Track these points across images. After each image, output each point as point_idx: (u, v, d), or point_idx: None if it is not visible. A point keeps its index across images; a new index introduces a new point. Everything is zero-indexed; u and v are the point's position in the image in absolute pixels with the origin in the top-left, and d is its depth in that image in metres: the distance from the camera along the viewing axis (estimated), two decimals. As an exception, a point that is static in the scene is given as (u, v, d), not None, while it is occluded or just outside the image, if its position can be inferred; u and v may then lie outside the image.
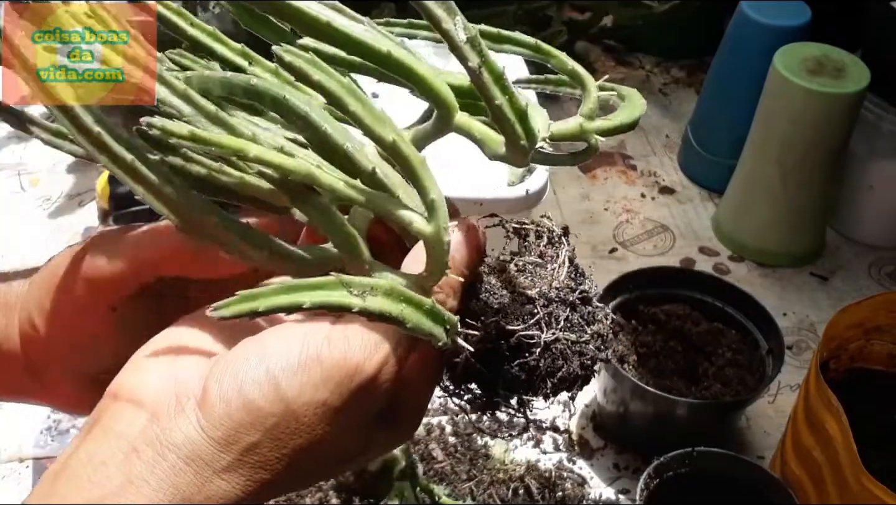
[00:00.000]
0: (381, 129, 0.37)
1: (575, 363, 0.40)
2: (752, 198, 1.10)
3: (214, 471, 0.37)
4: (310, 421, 0.37)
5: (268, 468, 0.37)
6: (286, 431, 0.37)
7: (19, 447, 0.86)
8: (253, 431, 0.37)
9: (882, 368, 0.87)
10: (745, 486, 0.78)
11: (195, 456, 0.36)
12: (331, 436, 0.38)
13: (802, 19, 1.09)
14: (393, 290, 0.36)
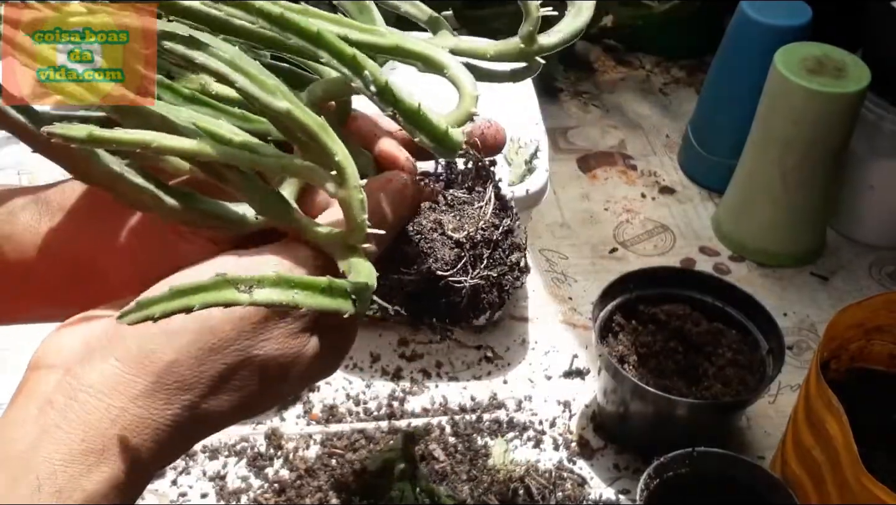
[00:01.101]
0: (272, 99, 0.38)
1: (493, 294, 0.45)
2: (752, 198, 1.10)
3: (129, 398, 0.37)
4: (227, 332, 0.38)
5: (188, 388, 0.37)
6: (204, 347, 0.37)
7: (19, 447, 0.86)
8: (170, 348, 0.37)
9: (882, 368, 0.87)
10: (745, 486, 0.78)
11: (108, 389, 0.37)
12: (250, 342, 0.38)
13: (803, 19, 1.09)
14: (281, 279, 0.37)
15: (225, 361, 0.38)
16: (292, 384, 0.41)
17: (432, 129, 0.41)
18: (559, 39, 0.45)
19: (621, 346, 0.89)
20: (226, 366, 0.38)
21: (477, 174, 0.45)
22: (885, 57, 1.06)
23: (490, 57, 0.45)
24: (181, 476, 0.85)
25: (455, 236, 0.43)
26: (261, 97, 0.37)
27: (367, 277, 0.39)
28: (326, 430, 0.89)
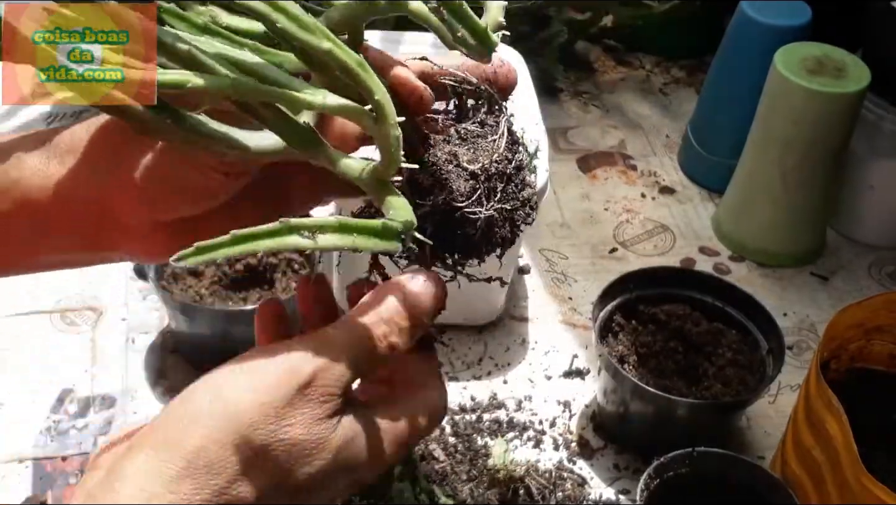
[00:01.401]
0: (313, 38, 0.38)
1: (506, 229, 0.45)
2: (752, 198, 1.10)
3: (162, 484, 0.38)
4: (252, 417, 0.39)
5: (217, 473, 0.38)
6: (230, 430, 0.38)
7: (19, 447, 0.86)
8: (197, 432, 0.38)
9: (882, 368, 0.87)
10: (745, 486, 0.78)
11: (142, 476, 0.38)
12: (275, 426, 0.39)
13: (803, 19, 1.09)
14: (342, 224, 0.38)
15: (251, 446, 0.39)
16: (328, 474, 0.41)
17: (474, 24, 0.42)
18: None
19: (621, 346, 0.89)
20: (252, 451, 0.39)
21: (489, 109, 0.45)
22: (885, 57, 1.06)
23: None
24: (181, 476, 0.85)
25: (470, 168, 0.43)
26: (301, 37, 0.38)
27: (408, 214, 0.40)
28: (326, 430, 0.89)
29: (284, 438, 0.39)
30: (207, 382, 0.40)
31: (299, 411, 0.39)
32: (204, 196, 0.46)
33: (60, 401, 0.90)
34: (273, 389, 0.39)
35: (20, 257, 0.50)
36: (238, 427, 0.39)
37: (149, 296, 1.01)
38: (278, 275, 0.95)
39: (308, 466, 0.40)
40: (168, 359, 0.95)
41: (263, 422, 0.39)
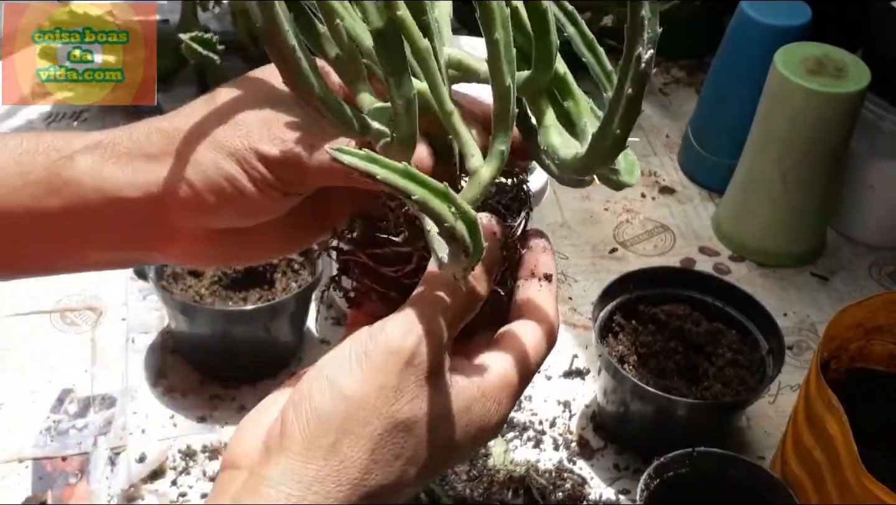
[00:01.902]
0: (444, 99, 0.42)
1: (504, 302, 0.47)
2: (752, 198, 1.10)
3: (305, 486, 0.39)
4: (372, 402, 0.40)
5: (352, 466, 0.40)
6: (355, 422, 0.40)
7: (19, 447, 0.86)
8: (327, 431, 0.40)
9: (883, 368, 0.87)
10: (745, 486, 0.78)
11: (286, 479, 0.39)
12: (396, 406, 0.40)
13: (802, 19, 1.09)
14: (474, 224, 0.40)
15: (377, 430, 0.40)
16: (460, 435, 0.43)
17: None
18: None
19: (621, 346, 0.89)
20: (379, 435, 0.40)
21: (516, 195, 0.47)
22: (885, 57, 1.06)
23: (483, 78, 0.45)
24: (181, 476, 0.85)
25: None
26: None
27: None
28: (326, 430, 0.89)
29: (408, 417, 0.41)
30: (321, 376, 0.41)
31: (413, 388, 0.41)
32: (259, 212, 0.47)
33: (60, 401, 0.90)
34: (383, 373, 0.40)
35: (67, 257, 0.51)
36: (362, 418, 0.40)
37: (149, 296, 1.01)
38: (278, 275, 0.95)
39: (438, 433, 0.42)
40: (168, 359, 0.95)
41: (385, 406, 0.40)
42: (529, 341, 0.46)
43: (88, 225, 0.48)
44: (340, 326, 0.99)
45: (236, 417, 0.90)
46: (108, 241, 0.49)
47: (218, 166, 0.45)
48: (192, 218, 0.47)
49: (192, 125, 0.46)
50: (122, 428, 0.88)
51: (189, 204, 0.46)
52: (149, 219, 0.47)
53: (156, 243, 0.49)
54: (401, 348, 0.41)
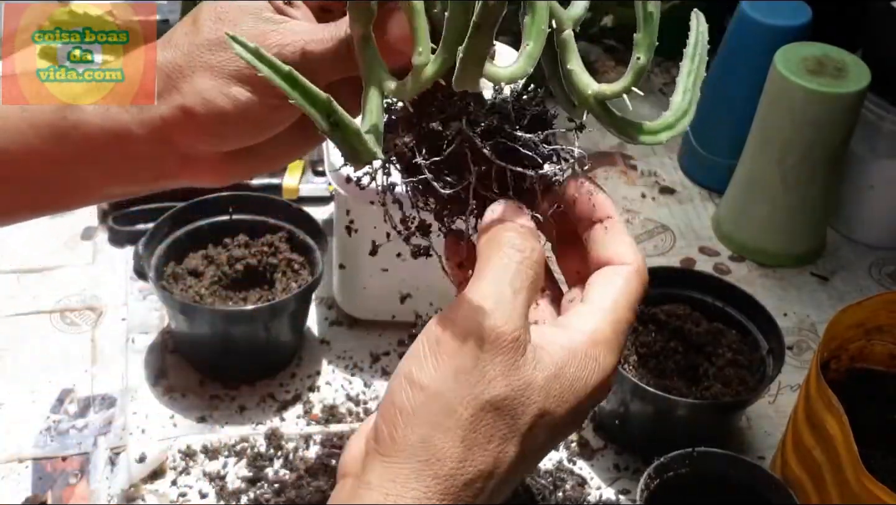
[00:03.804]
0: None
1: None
2: (752, 198, 1.10)
3: (402, 487, 0.39)
4: (453, 388, 0.40)
5: (444, 457, 0.39)
6: (438, 413, 0.39)
7: (19, 447, 0.86)
8: (412, 427, 0.40)
9: (883, 368, 0.87)
10: (745, 486, 0.78)
11: (386, 481, 0.40)
12: (480, 387, 0.40)
13: (802, 19, 1.09)
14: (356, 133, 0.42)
15: (463, 417, 0.40)
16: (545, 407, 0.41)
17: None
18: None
19: (621, 346, 0.89)
20: (467, 421, 0.40)
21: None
22: (885, 57, 1.06)
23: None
24: (181, 476, 0.85)
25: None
26: None
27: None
28: (326, 430, 0.89)
29: (493, 396, 0.40)
30: (400, 375, 0.41)
31: (493, 365, 0.40)
32: (268, 126, 0.48)
33: (60, 401, 0.90)
34: (458, 356, 0.40)
35: (84, 194, 0.52)
36: (445, 407, 0.40)
37: (149, 296, 1.01)
38: (278, 275, 0.95)
39: (530, 406, 0.41)
40: (168, 359, 0.95)
41: (466, 390, 0.40)
42: (612, 288, 0.44)
43: (100, 163, 0.49)
44: (341, 326, 0.99)
45: (236, 417, 0.90)
46: (122, 176, 0.51)
47: (220, 92, 0.45)
48: (203, 146, 0.48)
49: (184, 58, 0.47)
50: (122, 428, 0.88)
51: (198, 134, 0.47)
52: (159, 152, 0.48)
53: (170, 172, 0.50)
54: (473, 328, 0.40)
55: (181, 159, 0.49)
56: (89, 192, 0.52)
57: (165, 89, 0.47)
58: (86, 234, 1.08)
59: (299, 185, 1.10)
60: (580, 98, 0.48)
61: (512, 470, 0.41)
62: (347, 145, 0.41)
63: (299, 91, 0.39)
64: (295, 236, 0.96)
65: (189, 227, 0.96)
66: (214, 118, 0.46)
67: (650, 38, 0.47)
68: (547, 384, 0.41)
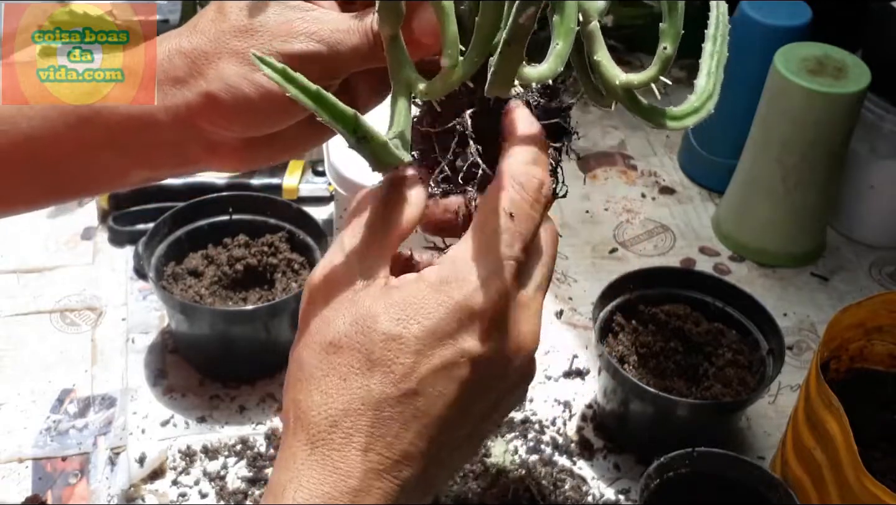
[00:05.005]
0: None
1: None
2: (752, 198, 1.10)
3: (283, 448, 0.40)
4: (303, 345, 0.41)
5: (305, 409, 0.40)
6: (295, 371, 0.41)
7: (19, 447, 0.86)
8: (287, 395, 0.41)
9: (883, 368, 0.87)
10: (745, 486, 0.78)
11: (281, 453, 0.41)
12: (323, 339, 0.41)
13: (802, 19, 1.09)
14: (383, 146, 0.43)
15: (312, 364, 0.40)
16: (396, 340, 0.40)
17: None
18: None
19: (621, 346, 0.89)
20: (315, 368, 0.40)
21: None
22: (885, 57, 1.06)
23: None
24: (181, 476, 0.85)
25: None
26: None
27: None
28: (326, 430, 0.89)
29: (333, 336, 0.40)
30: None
31: (330, 308, 0.41)
32: (292, 113, 0.48)
33: (60, 401, 0.90)
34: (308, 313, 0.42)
35: (108, 181, 0.53)
36: (297, 363, 0.41)
37: (149, 296, 1.01)
38: (278, 275, 0.95)
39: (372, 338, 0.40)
40: (168, 359, 0.95)
41: (310, 339, 0.41)
42: (482, 208, 0.43)
43: (125, 149, 0.49)
44: (340, 326, 0.99)
45: (236, 417, 0.90)
46: (146, 162, 0.51)
47: (245, 78, 0.46)
48: (227, 132, 0.48)
49: (210, 44, 0.47)
50: (122, 428, 0.88)
51: (222, 120, 0.47)
52: (184, 139, 0.49)
53: (194, 158, 0.51)
54: (310, 285, 0.42)
55: (205, 145, 0.50)
56: (114, 177, 0.53)
57: (191, 75, 0.47)
58: (86, 234, 1.08)
59: (299, 185, 1.10)
60: (609, 88, 0.50)
61: (385, 404, 0.39)
62: (374, 156, 0.41)
63: (327, 109, 0.39)
64: (295, 236, 0.96)
65: (189, 227, 0.96)
66: (239, 104, 0.46)
67: (675, 28, 0.49)
68: (387, 309, 0.40)
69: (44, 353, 0.95)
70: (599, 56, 0.48)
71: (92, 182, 0.53)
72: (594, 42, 0.48)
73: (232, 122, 0.48)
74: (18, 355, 0.95)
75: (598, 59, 0.48)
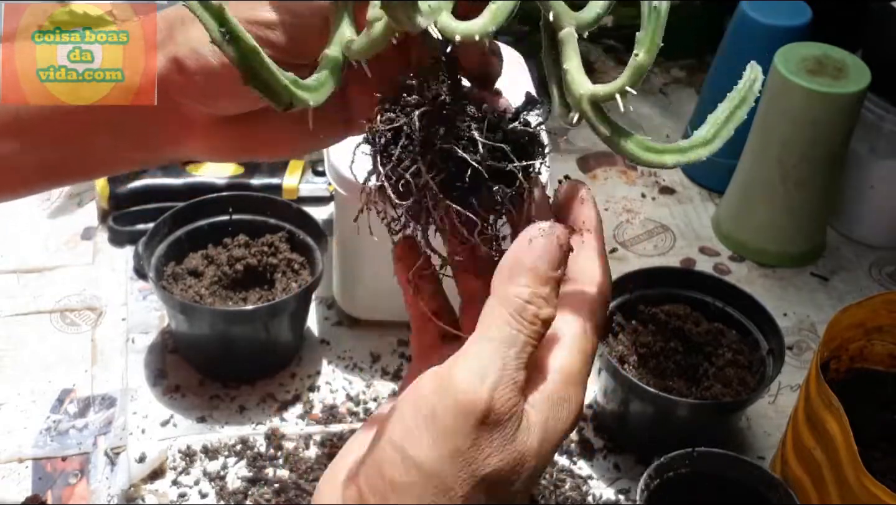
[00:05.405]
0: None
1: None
2: (752, 198, 1.10)
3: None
4: (451, 471, 0.38)
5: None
6: (434, 493, 0.38)
7: (19, 447, 0.86)
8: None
9: (883, 368, 0.87)
10: (745, 486, 0.78)
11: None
12: (479, 472, 0.38)
13: (802, 19, 1.09)
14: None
15: (458, 494, 0.38)
16: (540, 467, 0.40)
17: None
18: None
19: (621, 346, 0.89)
20: (461, 499, 0.38)
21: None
22: (885, 57, 1.06)
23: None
24: (181, 476, 0.85)
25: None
26: None
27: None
28: (326, 430, 0.89)
29: (487, 473, 0.38)
30: (391, 444, 0.39)
31: (489, 443, 0.38)
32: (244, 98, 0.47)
33: (60, 401, 0.90)
34: (456, 435, 0.38)
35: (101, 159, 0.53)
36: (440, 487, 0.38)
37: (149, 296, 1.01)
38: (278, 275, 0.95)
39: (521, 477, 0.39)
40: (168, 359, 0.95)
41: (463, 469, 0.38)
42: (579, 314, 0.42)
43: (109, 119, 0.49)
44: (341, 326, 0.99)
45: (236, 417, 0.90)
46: (130, 139, 0.50)
47: (209, 44, 0.45)
48: (195, 102, 0.48)
49: (180, 9, 0.47)
50: (122, 428, 0.88)
51: (188, 88, 0.47)
52: (161, 107, 0.48)
53: (173, 136, 0.50)
54: (472, 406, 0.38)
55: (181, 121, 0.49)
56: (106, 157, 0.52)
57: (167, 39, 0.47)
58: (86, 234, 1.08)
59: (299, 185, 1.10)
60: (573, 101, 0.44)
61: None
62: (245, 67, 0.38)
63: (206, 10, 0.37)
64: (295, 236, 0.96)
65: (189, 227, 0.96)
66: (201, 70, 0.46)
67: (653, 36, 0.41)
68: (540, 447, 0.40)
69: (44, 353, 0.95)
70: (568, 64, 0.44)
71: (84, 164, 0.53)
72: (566, 50, 0.44)
73: (196, 91, 0.47)
74: (18, 355, 0.95)
75: (567, 67, 0.44)
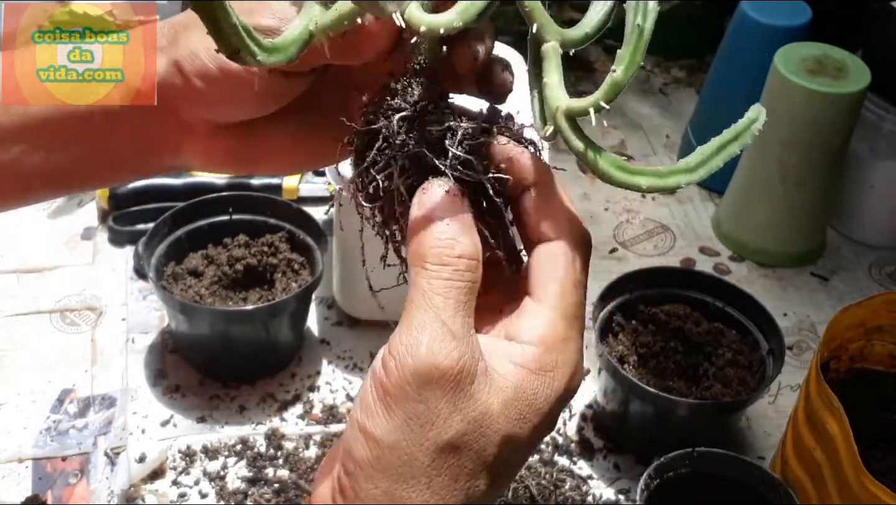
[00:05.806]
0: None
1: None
2: (752, 198, 1.10)
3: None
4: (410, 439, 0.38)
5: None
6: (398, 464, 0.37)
7: (19, 447, 0.86)
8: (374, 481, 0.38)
9: (883, 368, 0.87)
10: (745, 486, 0.78)
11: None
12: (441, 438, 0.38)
13: (802, 19, 1.09)
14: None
15: (424, 463, 0.37)
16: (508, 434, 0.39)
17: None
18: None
19: (621, 346, 0.89)
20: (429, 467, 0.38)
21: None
22: (885, 57, 1.06)
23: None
24: (181, 476, 0.85)
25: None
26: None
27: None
28: (326, 430, 0.89)
29: (451, 437, 0.37)
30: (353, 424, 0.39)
31: (443, 404, 0.37)
32: (251, 98, 0.46)
33: (60, 401, 0.90)
34: (405, 402, 0.37)
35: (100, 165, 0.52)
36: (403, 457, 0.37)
37: (149, 296, 1.01)
38: (278, 275, 0.95)
39: (490, 440, 0.38)
40: (168, 359, 0.95)
41: (420, 436, 0.37)
42: (554, 272, 0.41)
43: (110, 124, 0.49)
44: (341, 326, 0.99)
45: (236, 417, 0.90)
46: (132, 141, 0.50)
47: (206, 47, 0.45)
48: (194, 108, 0.48)
49: (190, 15, 0.47)
50: (122, 428, 0.88)
51: (187, 94, 0.47)
52: (161, 111, 0.48)
53: (172, 141, 0.50)
54: (413, 367, 0.37)
55: (182, 128, 0.49)
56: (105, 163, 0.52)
57: (171, 43, 0.47)
58: (86, 234, 1.08)
59: (299, 185, 1.10)
60: (549, 113, 0.43)
61: (486, 497, 0.39)
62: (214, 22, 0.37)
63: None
64: (295, 236, 0.96)
65: (189, 227, 0.96)
66: (199, 74, 0.46)
67: (634, 54, 0.41)
68: (505, 409, 0.38)
69: (44, 353, 0.95)
70: (548, 79, 0.43)
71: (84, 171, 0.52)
72: (546, 64, 0.43)
73: (195, 96, 0.47)
74: (18, 355, 0.95)
75: (546, 81, 0.43)
